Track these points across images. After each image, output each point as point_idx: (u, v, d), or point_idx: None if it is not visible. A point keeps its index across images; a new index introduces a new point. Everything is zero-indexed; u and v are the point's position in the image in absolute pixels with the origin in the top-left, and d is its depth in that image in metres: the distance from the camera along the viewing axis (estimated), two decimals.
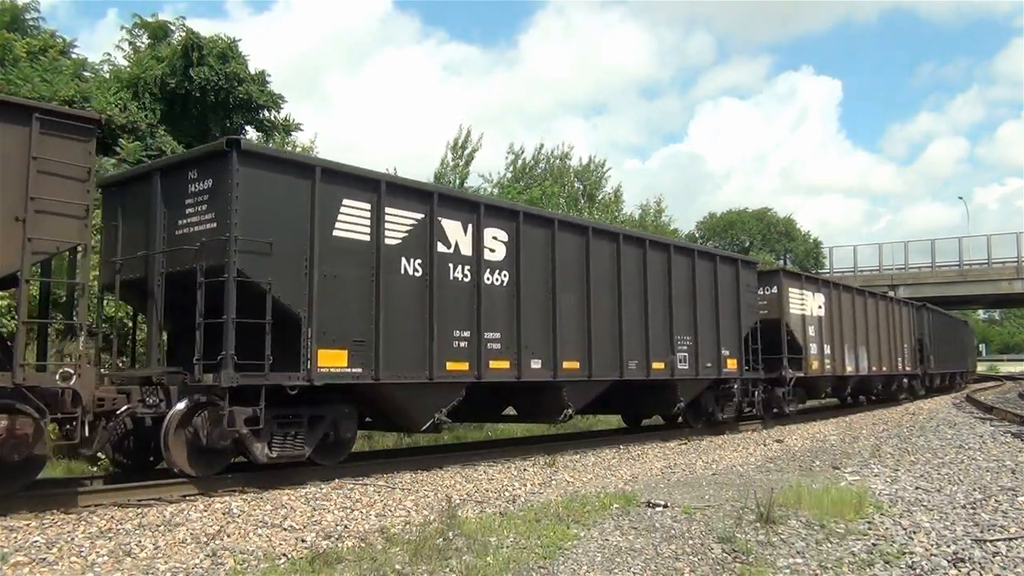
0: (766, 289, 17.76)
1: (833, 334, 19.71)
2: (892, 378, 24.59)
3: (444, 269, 9.91)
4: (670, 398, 13.95)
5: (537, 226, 11.37)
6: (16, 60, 15.52)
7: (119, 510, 7.01)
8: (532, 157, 35.91)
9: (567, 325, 11.53)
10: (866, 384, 22.99)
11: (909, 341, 26.02)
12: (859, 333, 21.46)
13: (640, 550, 5.66)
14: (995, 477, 8.96)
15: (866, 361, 21.75)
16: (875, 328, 22.70)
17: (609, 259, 12.54)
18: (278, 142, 18.97)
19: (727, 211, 64.59)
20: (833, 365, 19.59)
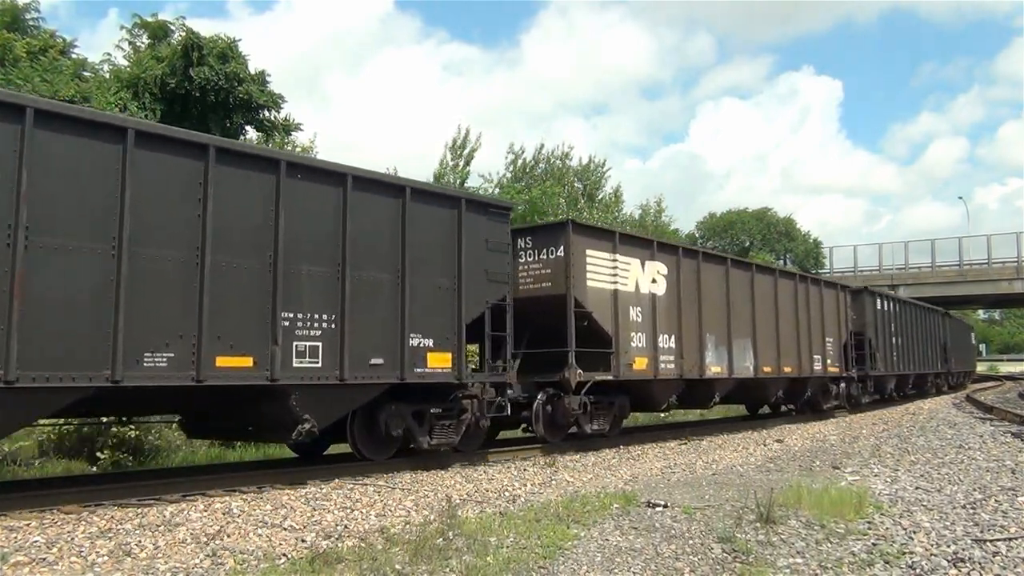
0: (548, 251, 12.10)
1: (683, 320, 13.92)
2: (804, 382, 18.36)
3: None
4: None
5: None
6: (16, 60, 15.52)
7: (119, 510, 7.01)
8: (532, 157, 35.94)
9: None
10: (755, 390, 17.06)
11: (839, 335, 20.27)
12: (739, 321, 15.54)
13: (640, 550, 5.66)
14: (995, 477, 8.95)
15: (751, 360, 15.86)
16: (771, 316, 16.80)
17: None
18: (277, 142, 18.97)
19: (727, 211, 64.62)
20: (681, 364, 13.78)
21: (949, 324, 33.64)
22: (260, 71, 17.39)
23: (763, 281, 16.91)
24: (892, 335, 24.34)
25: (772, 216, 62.50)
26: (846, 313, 20.86)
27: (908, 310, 26.89)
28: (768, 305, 16.81)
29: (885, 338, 23.62)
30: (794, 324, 17.79)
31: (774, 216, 62.61)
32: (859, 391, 21.73)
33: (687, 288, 14.17)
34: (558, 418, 11.96)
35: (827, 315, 19.62)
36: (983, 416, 18.64)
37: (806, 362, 18.18)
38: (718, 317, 14.99)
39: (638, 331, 12.99)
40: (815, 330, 18.74)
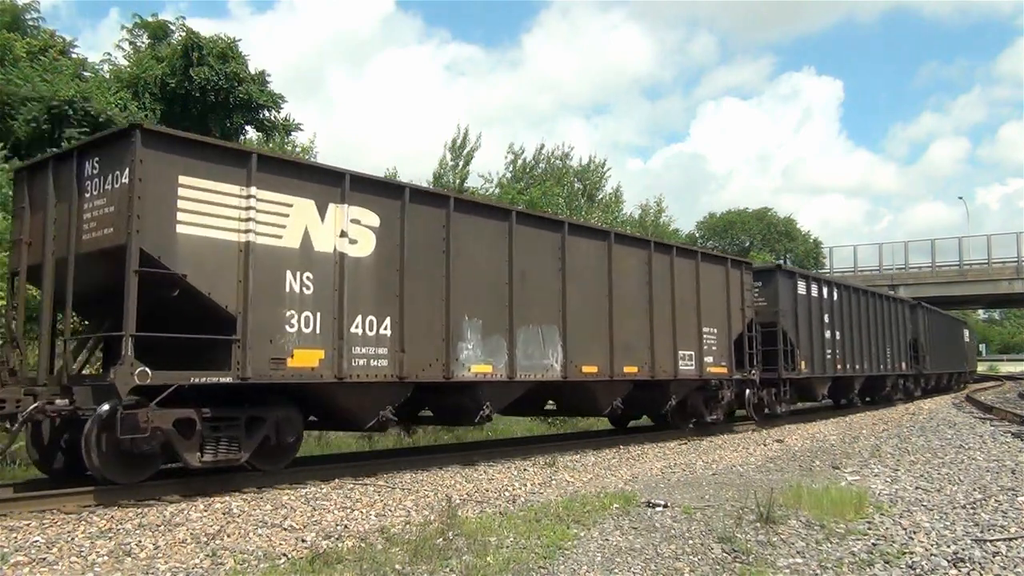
0: (114, 179, 7.53)
1: (409, 296, 9.38)
2: (662, 387, 13.76)
3: None
4: None
5: None
6: (16, 60, 15.52)
7: (119, 510, 7.01)
8: (532, 157, 35.96)
9: None
10: (573, 398, 12.73)
11: (728, 326, 15.37)
12: (532, 300, 10.99)
13: (640, 550, 5.66)
14: (995, 477, 8.95)
15: (557, 356, 11.33)
16: (601, 295, 12.26)
17: None
18: (277, 142, 18.98)
19: (727, 211, 64.67)
20: (401, 360, 9.24)
21: (924, 317, 28.65)
22: (260, 71, 17.41)
23: (586, 248, 12.03)
24: (826, 327, 19.59)
25: (772, 216, 62.57)
26: (743, 297, 15.90)
27: (855, 298, 21.79)
28: (596, 280, 12.16)
29: (812, 331, 18.77)
30: (645, 308, 13.06)
31: (774, 216, 62.68)
32: (772, 398, 17.24)
33: (421, 250, 9.51)
34: (125, 448, 7.33)
35: (709, 299, 14.73)
36: (983, 416, 18.65)
37: (665, 360, 13.41)
38: (489, 294, 10.33)
39: (304, 310, 8.40)
40: (685, 318, 13.99)
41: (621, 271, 12.64)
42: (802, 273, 19.92)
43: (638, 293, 13.08)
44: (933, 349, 30.01)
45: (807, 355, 18.38)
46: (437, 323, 9.67)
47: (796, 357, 17.74)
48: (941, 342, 32.30)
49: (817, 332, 19.15)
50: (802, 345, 18.12)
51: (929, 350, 29.05)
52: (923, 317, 28.64)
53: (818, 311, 19.33)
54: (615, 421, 16.34)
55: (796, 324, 18.01)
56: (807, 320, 18.64)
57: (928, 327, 29.35)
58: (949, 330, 35.06)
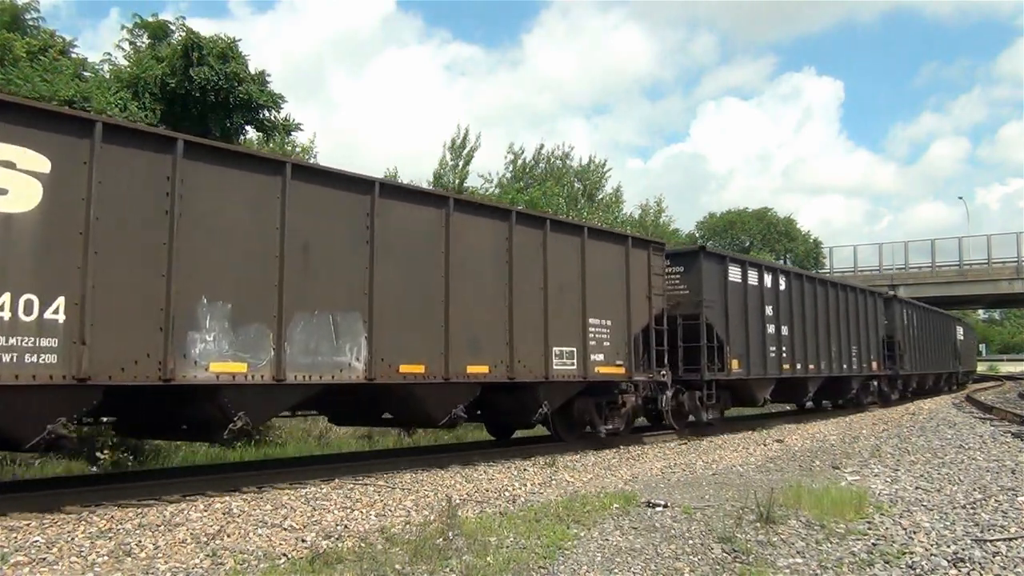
0: None
1: (113, 262, 7.05)
2: (529, 391, 11.25)
3: None
4: None
5: None
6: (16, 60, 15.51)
7: (119, 510, 7.01)
8: (532, 157, 35.97)
9: None
10: (390, 404, 10.23)
11: (625, 321, 12.71)
12: (317, 275, 8.61)
13: (640, 550, 5.66)
14: (995, 477, 8.96)
15: (359, 352, 8.85)
16: (436, 275, 9.82)
17: None
18: (277, 142, 18.97)
19: (727, 211, 64.70)
20: (75, 355, 6.71)
21: (903, 312, 26.02)
22: (260, 71, 17.38)
23: (408, 215, 9.48)
24: (769, 321, 16.78)
25: (772, 216, 62.58)
26: (650, 284, 13.29)
27: (810, 288, 19.00)
28: (426, 257, 9.62)
29: (748, 325, 15.99)
30: (503, 293, 10.59)
31: (774, 216, 62.69)
32: (697, 403, 14.58)
33: (127, 208, 7.15)
34: None
35: (600, 284, 12.18)
36: (983, 416, 18.65)
37: (531, 357, 10.88)
38: (245, 269, 7.96)
39: None
40: (563, 307, 11.45)
41: (466, 246, 10.03)
42: (735, 257, 16.83)
43: (492, 274, 10.41)
44: (915, 347, 27.45)
45: (740, 353, 15.62)
46: (153, 306, 7.18)
47: (726, 355, 15.02)
48: (926, 340, 29.44)
49: (756, 326, 16.30)
50: (734, 341, 15.35)
51: (909, 348, 26.34)
52: (902, 312, 25.96)
53: (757, 302, 16.47)
54: (495, 431, 13.70)
55: (726, 317, 15.21)
56: (741, 312, 15.79)
57: (908, 323, 26.67)
58: (937, 327, 32.07)
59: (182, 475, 9.01)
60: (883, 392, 24.44)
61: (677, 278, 14.83)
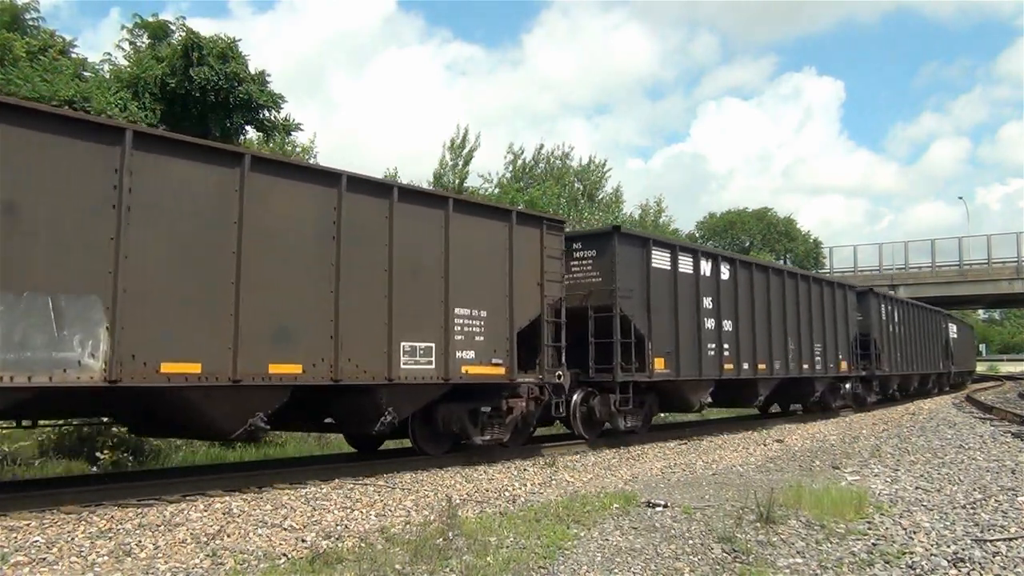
0: None
1: None
2: (359, 394, 9.20)
3: None
4: None
5: None
6: (16, 60, 15.51)
7: (119, 510, 7.01)
8: (532, 157, 35.99)
9: None
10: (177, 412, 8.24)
11: (498, 305, 10.66)
12: (56, 252, 6.72)
13: (640, 550, 5.66)
14: (995, 477, 8.96)
15: (99, 345, 6.88)
16: (174, 243, 7.52)
17: None
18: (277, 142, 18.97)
19: (727, 211, 64.73)
20: None
21: (881, 307, 23.72)
22: (260, 71, 17.39)
23: (184, 177, 7.62)
24: (707, 315, 14.68)
25: (772, 216, 62.62)
26: (542, 269, 11.17)
27: (762, 279, 16.73)
28: (207, 228, 7.75)
29: (679, 319, 13.83)
30: (327, 276, 8.66)
31: (774, 216, 62.73)
32: (613, 409, 12.59)
33: None
34: None
35: (471, 267, 10.19)
36: (983, 416, 18.65)
37: (368, 354, 8.99)
38: None
39: None
40: (416, 293, 9.53)
41: (273, 216, 8.21)
42: (662, 240, 14.44)
43: (312, 252, 8.55)
44: (896, 346, 24.95)
45: (667, 351, 13.44)
46: None
47: (647, 353, 12.91)
48: (911, 338, 26.88)
49: (689, 321, 14.09)
50: (658, 337, 13.21)
51: (888, 347, 23.81)
52: (880, 307, 23.51)
53: (691, 293, 14.26)
54: (355, 442, 11.70)
55: (648, 309, 13.06)
56: (669, 304, 13.64)
57: (888, 319, 24.20)
58: (924, 324, 29.36)
59: (182, 475, 9.00)
60: (857, 395, 22.04)
61: (589, 263, 12.76)
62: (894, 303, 25.69)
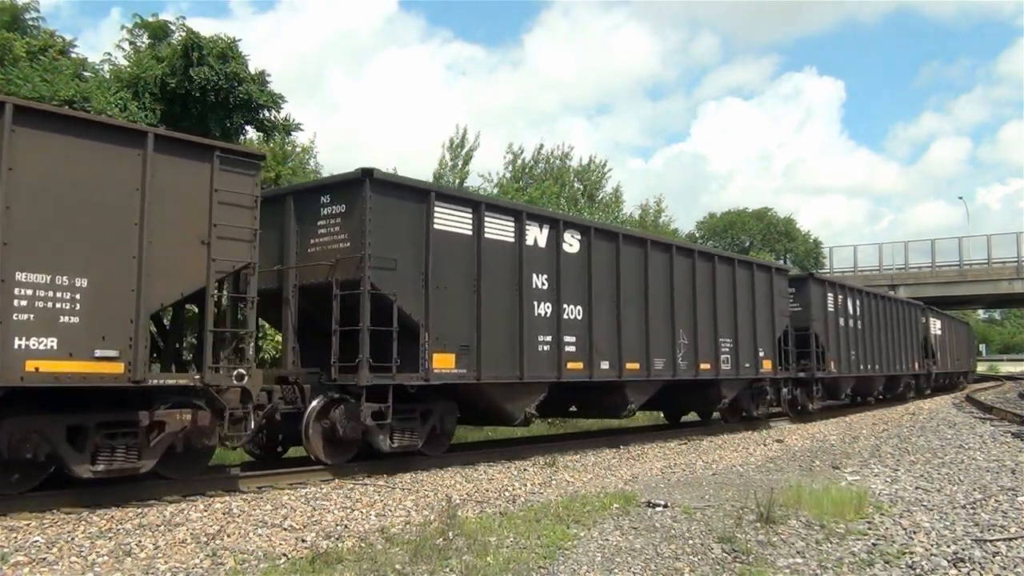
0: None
1: None
2: None
3: None
4: None
5: None
6: (16, 60, 15.51)
7: (119, 510, 7.01)
8: (532, 157, 35.96)
9: None
10: None
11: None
12: None
13: (640, 550, 5.66)
14: (995, 477, 8.96)
15: None
16: None
17: None
18: (278, 142, 18.97)
19: (727, 211, 64.70)
20: None
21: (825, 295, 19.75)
22: (260, 71, 17.39)
23: None
24: (565, 298, 11.47)
25: (772, 216, 62.57)
26: (208, 216, 7.77)
27: (606, 248, 12.49)
28: None
29: (478, 297, 10.27)
30: None
31: (774, 216, 62.67)
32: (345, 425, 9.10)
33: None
34: None
35: (66, 206, 6.86)
36: (983, 416, 18.65)
37: None
38: None
39: None
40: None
41: None
42: (452, 195, 10.80)
43: None
44: (852, 343, 20.88)
45: (463, 344, 10.01)
46: None
47: (423, 346, 9.52)
48: (874, 334, 22.68)
49: (503, 305, 10.54)
50: (443, 325, 9.75)
51: (838, 344, 19.86)
52: (824, 297, 19.51)
53: (510, 269, 10.75)
54: None
55: (426, 287, 9.59)
56: (468, 282, 10.16)
57: (839, 312, 20.23)
58: (894, 318, 24.78)
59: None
60: (795, 400, 18.38)
61: (337, 224, 9.49)
62: (848, 292, 21.29)
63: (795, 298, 18.61)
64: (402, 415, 9.54)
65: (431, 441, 10.20)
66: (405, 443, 9.67)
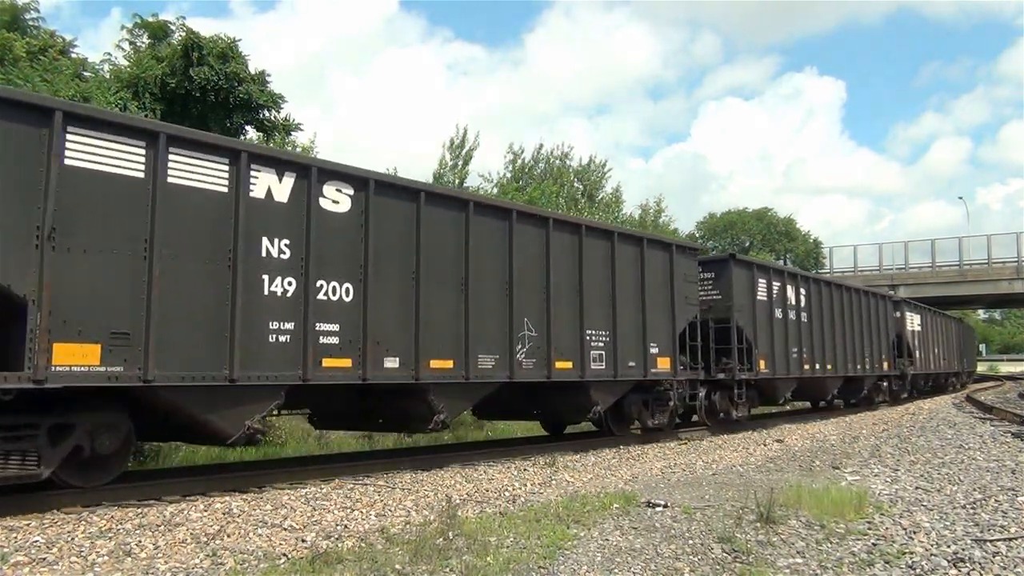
0: None
1: None
2: None
3: None
4: None
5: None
6: (16, 60, 15.51)
7: (119, 510, 7.01)
8: (532, 157, 35.97)
9: None
10: None
11: None
12: None
13: (640, 550, 5.66)
14: (995, 477, 8.96)
15: None
16: None
17: None
18: (278, 142, 18.96)
19: (727, 211, 64.71)
20: None
21: (755, 281, 16.31)
22: (260, 71, 17.40)
23: None
24: (328, 273, 8.62)
25: (772, 216, 62.59)
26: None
27: (396, 212, 9.41)
28: None
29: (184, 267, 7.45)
30: None
31: (774, 216, 62.70)
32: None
33: None
34: None
35: None
36: (983, 416, 18.65)
37: None
38: None
39: None
40: None
41: None
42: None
43: None
44: (788, 339, 17.47)
45: (105, 330, 6.91)
46: None
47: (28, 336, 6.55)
48: (822, 328, 19.28)
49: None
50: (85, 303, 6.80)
51: (767, 340, 16.55)
52: (750, 281, 16.25)
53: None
54: None
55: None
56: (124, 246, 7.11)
57: (772, 301, 16.95)
58: (851, 310, 21.32)
59: (182, 475, 9.00)
60: (712, 406, 15.27)
61: None
62: (786, 279, 17.99)
63: (713, 284, 15.65)
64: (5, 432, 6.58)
65: (77, 469, 7.27)
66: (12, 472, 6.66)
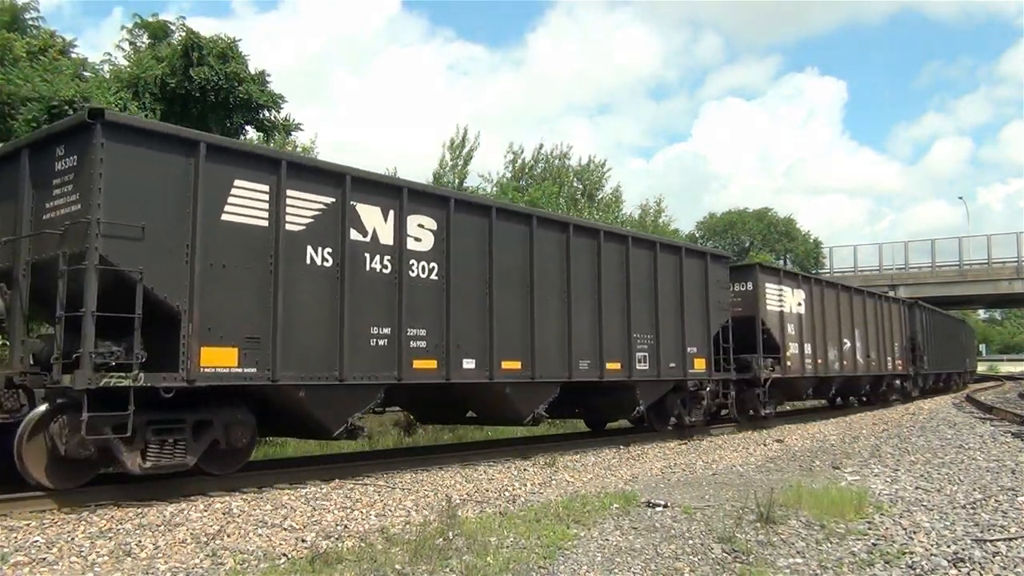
0: None
1: None
2: None
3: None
4: None
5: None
6: (16, 60, 15.51)
7: (119, 510, 7.01)
8: (532, 157, 35.94)
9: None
10: None
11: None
12: None
13: (640, 550, 5.66)
14: (995, 477, 8.95)
15: None
16: None
17: None
18: (278, 142, 18.97)
19: (727, 211, 64.68)
20: None
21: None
22: (260, 71, 17.40)
23: None
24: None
25: (772, 216, 62.53)
26: None
27: None
28: None
29: None
30: None
31: (774, 216, 62.64)
32: None
33: None
34: None
35: None
36: (983, 416, 18.64)
37: None
38: None
39: None
40: None
41: None
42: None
43: None
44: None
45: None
46: None
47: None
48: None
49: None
50: None
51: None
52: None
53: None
54: None
55: None
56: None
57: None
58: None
59: (182, 475, 9.00)
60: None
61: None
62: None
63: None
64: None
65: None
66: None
